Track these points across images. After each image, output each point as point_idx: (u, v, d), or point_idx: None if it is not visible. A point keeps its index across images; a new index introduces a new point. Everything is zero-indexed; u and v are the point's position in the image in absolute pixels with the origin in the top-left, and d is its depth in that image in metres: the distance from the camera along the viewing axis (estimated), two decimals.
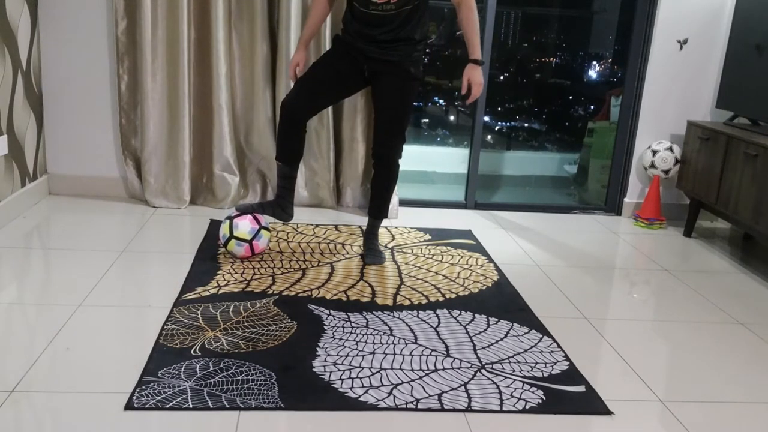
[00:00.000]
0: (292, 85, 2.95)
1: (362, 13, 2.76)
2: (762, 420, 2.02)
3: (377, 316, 2.48)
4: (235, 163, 3.67)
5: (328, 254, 3.09)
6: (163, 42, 3.46)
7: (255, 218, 2.93)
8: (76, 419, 1.77)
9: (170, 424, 1.79)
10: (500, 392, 2.04)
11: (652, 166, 3.88)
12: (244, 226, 2.90)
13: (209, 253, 2.99)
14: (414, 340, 2.33)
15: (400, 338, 2.33)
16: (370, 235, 3.10)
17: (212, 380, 1.99)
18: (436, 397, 1.99)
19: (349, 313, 2.50)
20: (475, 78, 2.83)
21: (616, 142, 4.11)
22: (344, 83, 2.90)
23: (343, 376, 2.06)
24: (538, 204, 4.18)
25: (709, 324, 2.66)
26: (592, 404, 2.01)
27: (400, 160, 2.98)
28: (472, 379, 2.10)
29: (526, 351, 2.31)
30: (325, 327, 2.38)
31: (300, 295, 2.63)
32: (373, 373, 2.09)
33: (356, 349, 2.24)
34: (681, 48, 3.87)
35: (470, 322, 2.50)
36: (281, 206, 2.99)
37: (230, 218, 2.92)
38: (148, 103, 3.51)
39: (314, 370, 2.09)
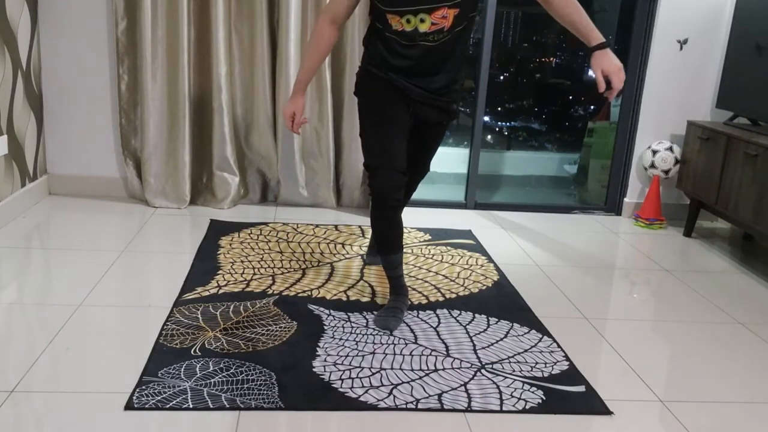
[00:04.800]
0: (287, 130, 2.55)
1: (403, 48, 2.24)
2: (762, 420, 2.02)
3: (377, 317, 2.48)
4: (235, 163, 3.67)
5: (328, 254, 3.09)
6: (163, 42, 3.46)
7: None
8: (76, 419, 1.77)
9: (170, 424, 1.79)
10: (500, 392, 2.04)
11: (652, 166, 3.88)
12: None
13: (209, 253, 2.99)
14: (414, 340, 2.33)
15: (400, 338, 2.33)
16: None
17: (212, 380, 1.99)
18: (436, 397, 1.99)
19: (349, 313, 2.50)
20: (612, 64, 2.14)
21: (616, 142, 4.11)
22: (407, 128, 2.37)
23: (343, 376, 2.06)
24: (538, 204, 4.18)
25: (709, 324, 2.66)
26: (592, 404, 2.01)
27: None
28: (472, 379, 2.10)
29: (526, 351, 2.31)
30: (325, 327, 2.38)
31: (300, 295, 2.63)
32: (373, 373, 2.09)
33: (356, 349, 2.24)
34: (681, 48, 3.87)
35: (470, 322, 2.50)
36: (399, 310, 2.48)
37: None
38: (148, 103, 3.51)
39: (314, 370, 2.09)
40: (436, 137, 2.52)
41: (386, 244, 2.40)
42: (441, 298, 2.70)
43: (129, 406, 1.84)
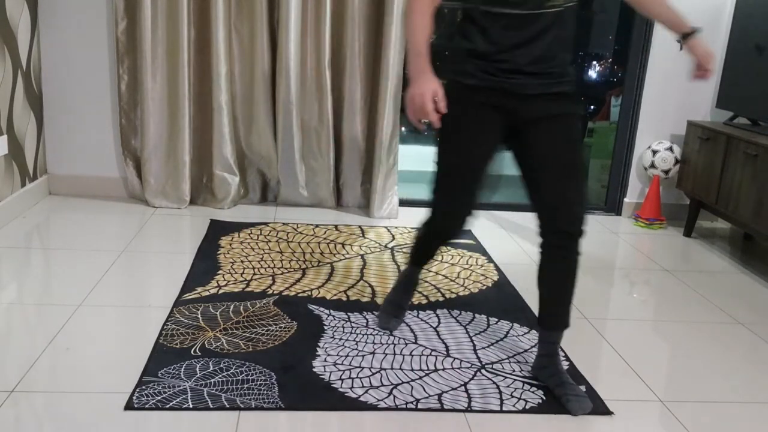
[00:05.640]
0: (427, 125, 1.88)
1: (506, 22, 1.84)
2: (762, 420, 2.02)
3: (377, 316, 2.48)
4: (235, 163, 3.67)
5: (328, 254, 3.09)
6: (163, 42, 3.46)
7: None
8: (76, 419, 1.77)
9: (170, 424, 1.79)
10: (500, 392, 2.04)
11: (652, 166, 3.88)
12: None
13: (209, 253, 2.99)
14: (414, 340, 2.33)
15: (400, 338, 2.33)
16: (552, 357, 2.09)
17: (212, 380, 1.98)
18: (436, 397, 1.99)
19: (349, 313, 2.50)
20: (707, 48, 2.02)
21: (616, 142, 4.11)
22: (490, 154, 2.01)
23: (343, 376, 2.06)
24: None
25: (709, 324, 2.66)
26: (592, 404, 2.01)
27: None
28: (472, 379, 2.10)
29: (526, 351, 2.31)
30: (325, 327, 2.38)
31: (300, 295, 2.63)
32: (373, 373, 2.09)
33: (356, 349, 2.24)
34: (681, 48, 3.86)
35: (470, 322, 2.50)
36: (398, 309, 2.43)
37: None
38: (148, 103, 3.51)
39: (314, 370, 2.09)
40: (564, 141, 1.94)
41: (423, 260, 2.31)
42: (441, 298, 2.70)
43: (129, 406, 1.84)
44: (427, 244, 2.23)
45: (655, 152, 3.88)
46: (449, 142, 1.98)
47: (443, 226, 2.10)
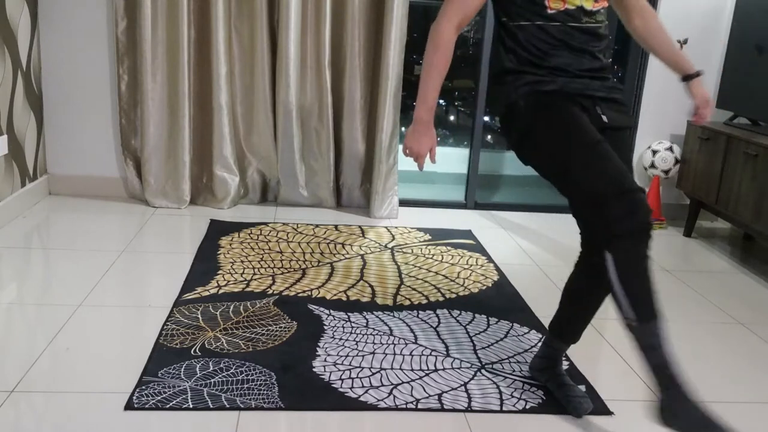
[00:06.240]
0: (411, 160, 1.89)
1: (565, 36, 1.80)
2: (762, 420, 2.02)
3: (377, 316, 2.48)
4: (235, 163, 3.67)
5: (328, 254, 3.09)
6: (163, 42, 3.46)
7: None
8: (76, 419, 1.77)
9: (170, 424, 1.79)
10: (500, 392, 2.04)
11: (652, 166, 3.88)
12: None
13: (209, 253, 2.99)
14: (414, 340, 2.33)
15: (400, 338, 2.33)
16: (555, 362, 2.06)
17: (212, 380, 1.98)
18: (436, 397, 1.99)
19: (349, 313, 2.50)
20: (706, 94, 2.01)
21: None
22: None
23: (343, 376, 2.06)
24: (538, 204, 4.18)
25: (709, 324, 2.66)
26: (592, 404, 2.01)
27: None
28: (472, 379, 2.10)
29: (526, 351, 2.31)
30: (325, 327, 2.38)
31: (300, 295, 2.63)
32: (373, 373, 2.09)
33: (356, 349, 2.24)
34: (681, 48, 3.87)
35: (470, 322, 2.50)
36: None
37: None
38: (148, 103, 3.51)
39: (314, 370, 2.09)
40: (624, 146, 1.88)
41: (651, 303, 1.65)
42: (441, 298, 2.70)
43: (129, 406, 1.84)
44: (641, 266, 1.65)
45: (655, 152, 3.88)
46: (551, 131, 1.79)
47: (637, 211, 1.64)
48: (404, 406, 1.93)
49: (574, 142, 1.74)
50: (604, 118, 1.85)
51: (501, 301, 2.71)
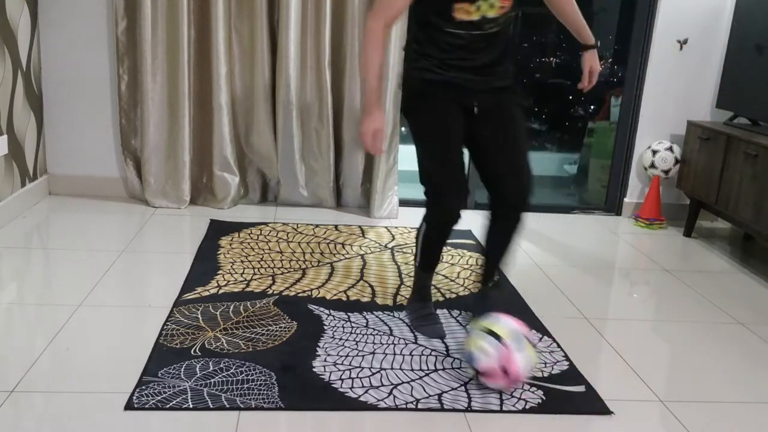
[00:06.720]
0: (370, 153, 2.32)
1: (461, 40, 2.12)
2: (762, 420, 2.02)
3: (377, 316, 2.48)
4: (235, 163, 3.67)
5: (328, 254, 3.09)
6: (163, 42, 3.46)
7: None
8: (76, 419, 1.77)
9: (170, 424, 1.79)
10: (500, 392, 2.03)
11: (652, 166, 3.88)
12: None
13: (209, 253, 2.99)
14: (414, 340, 2.33)
15: (400, 338, 2.33)
16: (485, 305, 2.37)
17: (212, 380, 1.98)
18: (436, 397, 1.99)
19: (349, 313, 2.50)
20: (597, 65, 2.37)
21: (616, 142, 4.11)
22: (462, 137, 2.24)
23: (343, 376, 2.06)
24: (538, 204, 4.18)
25: (709, 324, 2.66)
26: (592, 404, 2.01)
27: None
28: (472, 379, 2.10)
29: None
30: (325, 327, 2.38)
31: (300, 295, 2.63)
32: (373, 373, 2.09)
33: (356, 349, 2.24)
34: (681, 48, 3.87)
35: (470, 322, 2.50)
36: (431, 315, 2.46)
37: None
38: (148, 103, 3.51)
39: (314, 370, 2.09)
40: (512, 125, 2.24)
41: (433, 262, 2.41)
42: (441, 298, 2.70)
43: (129, 406, 1.84)
44: (439, 241, 2.32)
45: (655, 152, 3.88)
46: (421, 125, 2.24)
47: (450, 209, 2.20)
48: (404, 406, 1.93)
49: (430, 134, 2.21)
50: (476, 110, 2.20)
51: (501, 301, 2.71)
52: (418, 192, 4.30)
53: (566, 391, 2.08)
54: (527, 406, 1.97)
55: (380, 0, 2.12)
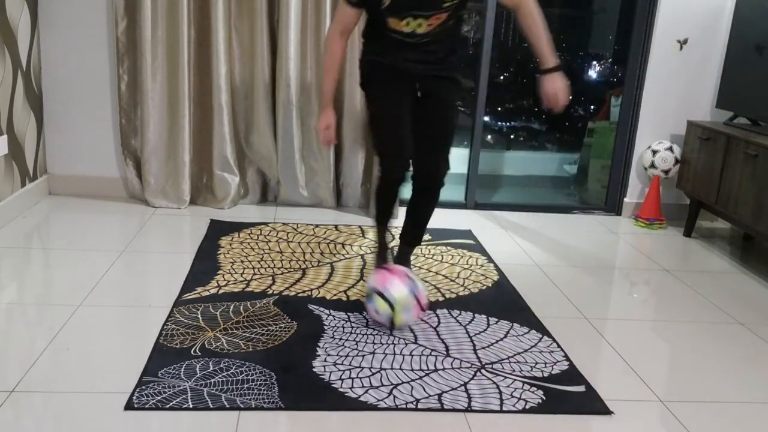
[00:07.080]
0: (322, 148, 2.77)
1: (402, 42, 2.41)
2: (762, 420, 2.02)
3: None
4: (235, 163, 3.67)
5: (328, 254, 3.09)
6: (163, 42, 3.46)
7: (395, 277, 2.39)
8: (76, 419, 1.77)
9: (170, 424, 1.79)
10: (500, 392, 2.04)
11: (652, 166, 3.88)
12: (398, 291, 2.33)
13: (209, 253, 2.99)
14: (414, 340, 2.33)
15: (400, 338, 2.33)
16: (402, 261, 2.77)
17: (212, 380, 1.99)
18: (436, 397, 1.99)
19: (349, 313, 2.50)
20: (559, 85, 2.38)
21: (616, 142, 4.11)
22: (409, 110, 2.50)
23: (343, 376, 2.06)
24: (538, 204, 4.18)
25: (709, 324, 2.66)
26: (592, 404, 2.01)
27: None
28: (472, 379, 2.10)
29: (526, 351, 2.31)
30: (325, 327, 2.38)
31: (300, 295, 2.63)
32: (373, 373, 2.09)
33: (356, 349, 2.24)
34: (681, 48, 3.87)
35: (470, 322, 2.50)
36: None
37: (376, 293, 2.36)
38: (148, 103, 3.51)
39: (314, 370, 2.09)
40: (444, 110, 2.54)
41: (386, 217, 2.69)
42: (441, 298, 2.70)
43: (129, 406, 1.84)
44: (387, 197, 2.60)
45: (655, 152, 3.88)
46: (374, 97, 2.55)
47: (391, 169, 2.47)
48: (404, 406, 1.93)
49: (379, 108, 2.51)
50: (419, 93, 2.50)
51: (501, 301, 2.71)
52: None
53: (566, 391, 2.08)
54: (527, 406, 1.97)
55: (335, 12, 2.48)
